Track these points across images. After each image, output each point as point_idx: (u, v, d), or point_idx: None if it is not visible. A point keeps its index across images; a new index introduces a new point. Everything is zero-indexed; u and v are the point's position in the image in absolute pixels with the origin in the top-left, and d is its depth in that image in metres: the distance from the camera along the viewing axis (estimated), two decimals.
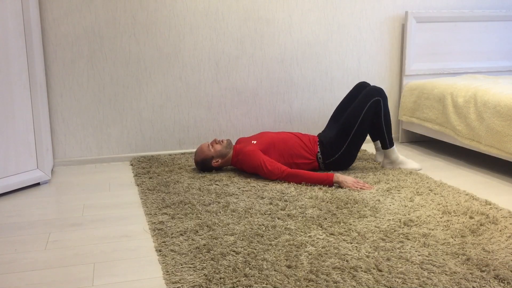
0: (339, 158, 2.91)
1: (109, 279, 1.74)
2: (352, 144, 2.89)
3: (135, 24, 3.25)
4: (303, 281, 1.66)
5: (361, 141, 2.91)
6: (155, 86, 3.36)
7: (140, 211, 2.40)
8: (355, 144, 2.90)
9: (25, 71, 2.70)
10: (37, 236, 2.12)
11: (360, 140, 2.90)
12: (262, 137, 2.95)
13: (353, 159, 2.96)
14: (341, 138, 2.88)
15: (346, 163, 2.95)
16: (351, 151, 2.91)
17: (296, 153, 2.89)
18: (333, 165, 2.93)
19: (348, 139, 2.87)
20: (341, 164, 2.94)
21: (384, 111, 2.87)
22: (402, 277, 1.68)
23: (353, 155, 2.94)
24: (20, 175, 2.74)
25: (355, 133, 2.87)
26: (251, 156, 2.81)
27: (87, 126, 3.29)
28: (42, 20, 3.09)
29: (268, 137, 2.94)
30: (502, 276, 1.67)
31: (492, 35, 3.88)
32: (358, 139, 2.89)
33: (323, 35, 3.63)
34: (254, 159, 2.79)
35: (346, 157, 2.92)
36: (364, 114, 2.85)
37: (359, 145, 2.92)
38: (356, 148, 2.92)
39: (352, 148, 2.90)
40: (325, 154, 2.91)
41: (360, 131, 2.87)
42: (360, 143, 2.91)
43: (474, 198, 2.45)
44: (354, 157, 2.95)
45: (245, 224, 2.15)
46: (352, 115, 2.87)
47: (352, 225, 2.13)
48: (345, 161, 2.94)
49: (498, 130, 2.84)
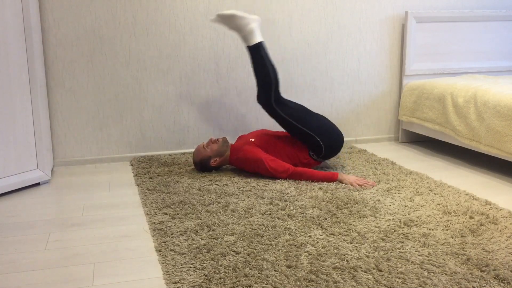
0: (319, 141, 2.84)
1: (109, 279, 1.74)
2: (305, 123, 2.83)
3: (135, 24, 3.25)
4: (303, 281, 1.66)
5: (300, 113, 2.86)
6: (155, 86, 3.36)
7: (140, 211, 2.40)
8: (304, 119, 2.84)
9: (25, 71, 2.70)
10: (37, 236, 2.12)
11: (299, 114, 2.85)
12: (260, 135, 2.95)
13: (325, 127, 2.86)
14: (301, 129, 2.85)
15: (327, 137, 2.85)
16: (313, 125, 2.84)
17: (293, 153, 2.89)
18: (329, 150, 2.87)
19: (300, 125, 2.84)
20: (331, 141, 2.86)
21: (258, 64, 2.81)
22: (402, 277, 1.68)
23: (318, 126, 2.85)
24: (20, 175, 2.74)
25: (296, 119, 2.85)
26: (250, 154, 2.80)
27: (87, 126, 3.29)
28: (42, 20, 3.09)
29: (266, 135, 2.94)
30: (502, 276, 1.68)
31: (492, 35, 3.88)
32: (299, 116, 2.85)
33: (323, 35, 3.63)
34: (254, 157, 2.79)
35: (320, 135, 2.83)
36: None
37: (304, 115, 2.86)
38: (307, 121, 2.84)
39: (308, 124, 2.83)
40: (312, 148, 2.89)
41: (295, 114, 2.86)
42: (301, 115, 2.85)
43: (474, 198, 2.45)
44: (323, 126, 2.86)
45: (245, 224, 2.15)
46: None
47: (352, 225, 2.13)
48: (325, 135, 2.85)
49: (498, 130, 2.84)
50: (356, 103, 3.79)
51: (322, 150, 2.86)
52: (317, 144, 2.85)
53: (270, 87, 2.81)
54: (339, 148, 2.92)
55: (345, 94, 3.75)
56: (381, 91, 3.83)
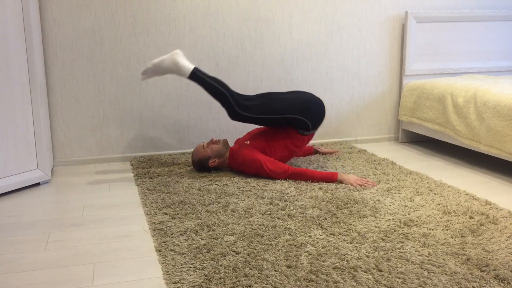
0: (300, 118, 2.82)
1: (109, 279, 1.74)
2: (278, 110, 2.82)
3: (135, 24, 3.25)
4: (303, 281, 1.66)
5: (269, 104, 2.84)
6: (155, 86, 3.36)
7: (140, 211, 2.40)
8: (275, 108, 2.82)
9: (25, 71, 2.70)
10: (37, 236, 2.12)
11: (268, 106, 2.84)
12: (254, 135, 2.96)
13: (298, 103, 2.83)
14: (279, 118, 2.83)
15: (305, 110, 2.83)
16: (286, 109, 2.82)
17: (287, 142, 2.90)
18: (314, 120, 2.85)
19: (275, 115, 2.82)
20: (311, 112, 2.84)
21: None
22: (402, 277, 1.68)
23: (291, 105, 2.82)
24: (20, 175, 2.74)
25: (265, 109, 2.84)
26: (248, 158, 2.81)
27: (87, 126, 3.29)
28: (42, 20, 3.09)
29: (259, 134, 2.94)
30: (502, 276, 1.68)
31: (492, 35, 3.88)
32: (269, 108, 2.84)
33: (323, 35, 3.63)
34: (253, 161, 2.79)
35: (298, 112, 2.81)
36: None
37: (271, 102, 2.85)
38: (279, 108, 2.82)
39: (281, 110, 2.81)
40: (299, 127, 2.88)
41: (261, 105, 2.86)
42: (270, 105, 2.84)
43: (474, 198, 2.45)
44: (295, 103, 2.83)
45: (245, 224, 2.15)
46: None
47: (352, 225, 2.13)
48: (303, 110, 2.82)
49: (498, 130, 2.84)
50: (356, 103, 3.79)
51: (309, 124, 2.85)
52: (301, 121, 2.84)
53: (229, 100, 2.81)
54: (322, 113, 2.91)
55: (345, 94, 3.75)
56: (381, 91, 3.83)
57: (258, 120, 2.86)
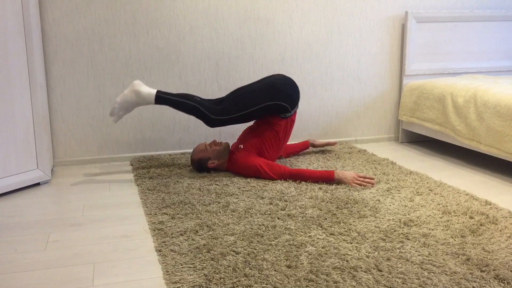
0: (275, 103, 2.83)
1: (109, 279, 1.74)
2: (250, 104, 2.83)
3: (135, 24, 3.25)
4: (303, 281, 1.66)
5: (240, 102, 2.85)
6: (155, 86, 3.36)
7: (140, 211, 2.40)
8: (247, 103, 2.83)
9: (25, 71, 2.70)
10: (37, 236, 2.12)
11: (239, 103, 2.84)
12: (245, 137, 2.96)
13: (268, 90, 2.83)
14: (254, 110, 2.84)
15: (277, 94, 2.81)
16: (258, 99, 2.82)
17: (273, 134, 2.90)
18: (289, 100, 2.84)
19: (251, 109, 2.83)
20: (283, 94, 2.83)
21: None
22: (402, 277, 1.68)
23: (261, 95, 2.82)
24: (20, 175, 2.74)
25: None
26: (245, 164, 2.82)
27: (87, 126, 3.29)
28: (42, 20, 3.09)
29: (249, 134, 2.94)
30: (502, 276, 1.68)
31: (492, 35, 3.88)
32: (241, 105, 2.84)
33: (323, 35, 3.63)
34: (250, 167, 2.80)
35: (271, 98, 2.81)
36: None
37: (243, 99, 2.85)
38: (251, 101, 2.82)
39: (253, 102, 2.82)
40: (279, 112, 2.87)
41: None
42: (241, 101, 2.84)
43: (474, 198, 2.45)
44: (265, 90, 2.83)
45: (245, 224, 2.15)
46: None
47: (352, 225, 2.13)
48: (274, 95, 2.81)
49: (498, 130, 2.84)
50: (356, 103, 3.79)
51: (285, 105, 2.84)
52: (277, 106, 2.83)
53: (201, 110, 2.81)
54: (294, 90, 2.88)
55: (345, 94, 3.75)
56: (381, 91, 3.83)
57: (236, 119, 2.85)
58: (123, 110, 2.80)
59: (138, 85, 2.77)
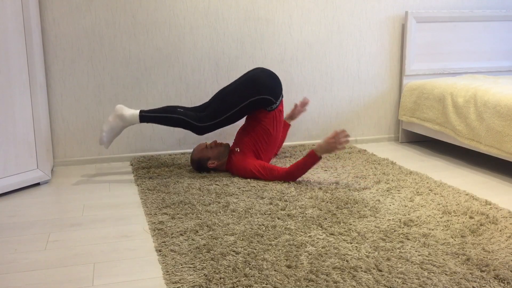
0: (258, 98, 2.82)
1: (109, 279, 1.74)
2: (233, 104, 2.83)
3: (135, 24, 3.25)
4: (303, 281, 1.66)
5: (222, 103, 2.85)
6: (155, 86, 3.36)
7: (140, 211, 2.40)
8: (229, 103, 2.84)
9: (25, 71, 2.70)
10: (37, 236, 2.12)
11: (222, 105, 2.85)
12: (240, 139, 2.94)
13: (248, 87, 2.83)
14: (238, 110, 2.85)
15: (257, 89, 2.81)
16: (240, 98, 2.83)
17: (263, 129, 2.89)
18: (271, 92, 2.83)
19: (235, 109, 2.84)
20: (263, 87, 2.82)
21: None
22: (402, 277, 1.68)
23: (243, 93, 2.83)
24: (20, 175, 2.74)
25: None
26: (241, 167, 2.83)
27: (87, 126, 3.29)
28: (42, 20, 3.09)
29: (242, 136, 2.93)
30: (502, 276, 1.68)
31: (492, 35, 3.88)
32: (224, 106, 2.85)
33: (323, 35, 3.63)
34: (246, 170, 2.80)
35: (253, 95, 2.81)
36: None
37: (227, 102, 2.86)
38: (233, 101, 2.83)
39: (237, 100, 2.82)
40: (264, 105, 2.86)
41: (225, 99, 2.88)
42: (224, 103, 2.85)
43: (474, 198, 2.45)
44: (245, 88, 2.83)
45: (245, 224, 2.15)
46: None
47: (352, 225, 2.13)
48: (254, 90, 2.81)
49: (498, 130, 2.84)
50: (356, 103, 3.79)
51: (269, 98, 2.82)
52: (261, 100, 2.82)
53: (187, 121, 2.82)
54: (274, 82, 2.86)
55: (345, 94, 3.75)
56: (381, 91, 3.83)
57: (223, 122, 2.86)
58: (112, 135, 2.85)
59: (120, 109, 2.82)
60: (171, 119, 2.82)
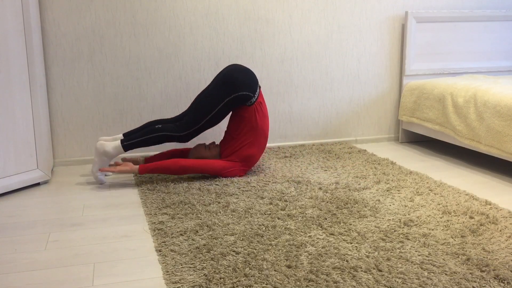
0: (235, 96, 2.80)
1: (109, 279, 1.74)
2: (212, 106, 2.83)
3: (135, 24, 3.25)
4: (303, 281, 1.66)
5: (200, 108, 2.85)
6: (155, 86, 3.36)
7: (140, 211, 2.40)
8: (207, 106, 2.83)
9: (25, 71, 2.70)
10: (37, 236, 2.12)
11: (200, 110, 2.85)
12: (225, 142, 2.94)
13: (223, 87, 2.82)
14: (217, 112, 2.85)
15: (233, 87, 2.80)
16: (217, 99, 2.82)
17: (245, 124, 2.87)
18: (248, 88, 2.81)
19: (213, 112, 2.83)
20: (240, 85, 2.80)
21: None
22: (402, 277, 1.68)
23: (219, 94, 2.82)
24: (20, 175, 2.74)
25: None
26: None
27: (87, 126, 3.29)
28: (42, 20, 3.09)
29: (227, 140, 2.93)
30: (502, 276, 1.68)
31: (492, 35, 3.88)
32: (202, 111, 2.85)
33: (323, 35, 3.63)
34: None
35: (230, 93, 2.80)
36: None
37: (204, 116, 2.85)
38: (211, 103, 2.82)
39: (215, 101, 2.82)
40: (243, 101, 2.84)
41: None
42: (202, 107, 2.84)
43: (474, 198, 2.45)
44: (221, 89, 2.82)
45: (245, 224, 2.15)
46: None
47: (352, 225, 2.13)
48: (231, 89, 2.80)
49: (498, 130, 2.84)
50: (356, 103, 3.79)
51: (246, 93, 2.79)
52: (239, 97, 2.80)
53: (168, 134, 2.83)
54: (248, 76, 2.84)
55: (345, 94, 3.75)
56: (381, 91, 3.83)
57: (205, 126, 2.86)
58: (103, 167, 2.85)
59: (101, 146, 2.82)
60: (153, 139, 2.83)
